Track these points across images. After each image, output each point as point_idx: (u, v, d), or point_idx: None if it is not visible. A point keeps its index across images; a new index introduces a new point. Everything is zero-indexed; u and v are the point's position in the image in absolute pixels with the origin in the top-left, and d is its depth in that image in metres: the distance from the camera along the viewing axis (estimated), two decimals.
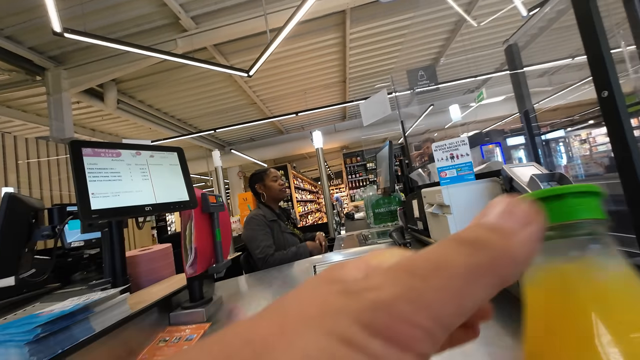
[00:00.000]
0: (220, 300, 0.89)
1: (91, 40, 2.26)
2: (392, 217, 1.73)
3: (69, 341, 0.50)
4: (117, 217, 0.63)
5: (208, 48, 3.85)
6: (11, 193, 0.55)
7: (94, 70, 3.72)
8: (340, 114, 7.53)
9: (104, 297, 0.59)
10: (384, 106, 1.98)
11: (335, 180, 14.75)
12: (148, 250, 0.99)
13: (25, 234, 0.59)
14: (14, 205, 0.56)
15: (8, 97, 4.20)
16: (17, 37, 3.18)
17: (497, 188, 0.69)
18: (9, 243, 0.55)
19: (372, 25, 4.03)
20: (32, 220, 0.60)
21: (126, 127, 6.06)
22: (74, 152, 0.54)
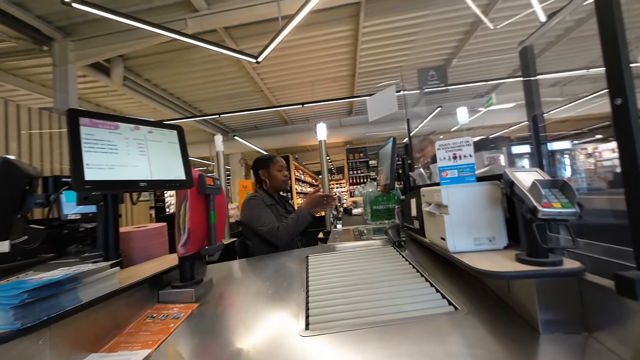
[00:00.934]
0: (211, 282, 0.89)
1: (100, 12, 2.23)
2: (389, 214, 1.72)
3: (55, 309, 0.50)
4: (111, 190, 0.62)
5: (218, 30, 3.80)
6: (6, 157, 0.54)
7: (102, 45, 3.68)
8: (347, 108, 7.47)
9: (93, 269, 0.59)
10: (391, 103, 1.96)
11: (336, 175, 14.74)
12: (143, 228, 0.99)
13: (18, 200, 0.59)
14: (8, 169, 0.55)
15: (14, 65, 4.17)
16: (26, 4, 3.13)
17: (497, 191, 0.68)
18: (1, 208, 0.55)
19: (387, 20, 3.95)
20: (25, 187, 0.60)
21: (131, 105, 6.03)
22: (71, 120, 0.53)
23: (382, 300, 0.70)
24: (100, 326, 0.61)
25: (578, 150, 3.00)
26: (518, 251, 0.62)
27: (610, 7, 0.44)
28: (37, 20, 3.36)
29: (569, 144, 2.76)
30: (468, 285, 0.72)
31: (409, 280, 0.78)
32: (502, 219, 0.68)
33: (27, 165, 0.61)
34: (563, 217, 0.50)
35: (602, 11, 0.45)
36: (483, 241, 0.68)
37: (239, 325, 0.65)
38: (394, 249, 1.07)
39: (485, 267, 0.56)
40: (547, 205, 0.51)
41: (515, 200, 0.58)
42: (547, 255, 0.55)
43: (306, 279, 0.85)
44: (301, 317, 0.64)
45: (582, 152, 3.04)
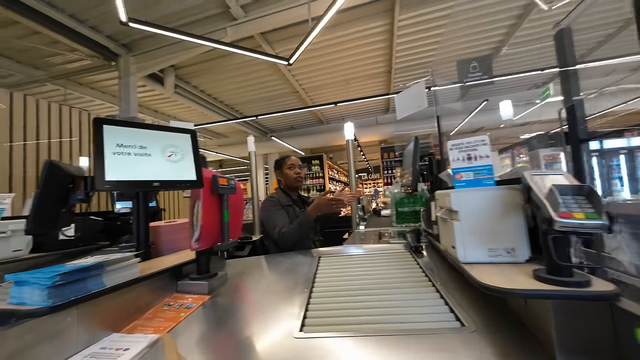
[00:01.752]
0: (226, 276, 0.95)
1: (150, 28, 2.50)
2: (416, 217, 1.63)
3: (82, 291, 0.58)
4: (127, 189, 0.70)
5: (255, 36, 3.99)
6: (51, 160, 0.65)
7: (156, 57, 4.13)
8: (384, 106, 7.25)
9: (115, 259, 0.67)
10: (420, 99, 1.85)
11: (374, 174, 14.42)
12: (171, 223, 1.09)
13: (63, 197, 0.70)
14: (54, 171, 0.66)
15: (91, 79, 4.91)
16: (98, 26, 3.66)
17: (517, 197, 0.60)
18: (47, 203, 0.65)
19: (424, 11, 3.74)
20: (69, 186, 0.71)
21: (182, 110, 6.66)
22: (96, 128, 0.61)
23: (385, 308, 0.67)
24: (123, 309, 0.69)
25: None
26: (540, 266, 0.54)
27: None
28: (107, 40, 3.90)
29: (625, 141, 2.31)
30: (482, 300, 0.65)
31: (418, 289, 0.73)
32: (524, 228, 0.60)
33: (70, 165, 0.72)
34: (586, 230, 0.42)
35: None
36: (499, 252, 0.61)
37: (240, 320, 0.68)
38: (410, 254, 1.01)
39: (494, 282, 0.50)
40: (567, 215, 0.43)
41: (532, 208, 0.51)
42: (571, 274, 0.47)
43: (312, 279, 0.85)
44: (298, 319, 0.64)
45: None
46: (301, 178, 1.70)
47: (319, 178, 7.17)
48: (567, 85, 0.70)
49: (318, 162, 7.26)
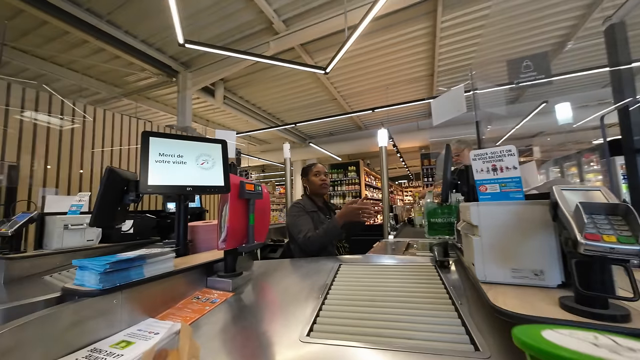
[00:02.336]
0: (250, 276, 1.01)
1: (203, 48, 2.80)
2: (450, 229, 1.52)
3: (126, 279, 0.68)
4: (165, 192, 0.81)
5: (295, 47, 4.18)
6: (111, 167, 0.78)
7: (209, 72, 4.58)
8: (425, 110, 6.93)
9: (155, 253, 0.77)
10: (458, 104, 1.75)
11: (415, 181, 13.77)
12: (207, 223, 1.21)
13: (119, 198, 0.83)
14: (112, 176, 0.79)
15: (156, 94, 5.64)
16: (162, 48, 4.22)
17: (546, 214, 0.54)
18: (107, 203, 0.78)
19: (470, 10, 3.52)
20: (124, 188, 0.84)
21: (229, 119, 7.23)
22: (144, 140, 0.73)
23: (397, 322, 0.65)
24: (158, 297, 0.78)
25: None
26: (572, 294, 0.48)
27: None
28: (169, 59, 4.47)
29: None
30: (505, 325, 0.59)
31: (435, 306, 0.70)
32: (556, 248, 0.54)
33: (126, 171, 0.85)
34: (617, 256, 0.37)
35: None
36: (525, 274, 0.55)
37: (255, 318, 0.72)
38: (435, 268, 0.96)
39: (510, 305, 0.46)
40: (594, 238, 0.38)
41: (559, 227, 0.46)
42: (606, 305, 0.41)
43: (329, 286, 0.86)
44: (307, 324, 0.66)
45: None
46: (326, 185, 1.72)
47: (355, 184, 7.10)
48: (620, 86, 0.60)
49: (354, 168, 7.21)
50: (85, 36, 3.51)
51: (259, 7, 3.38)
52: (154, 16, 3.48)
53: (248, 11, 3.50)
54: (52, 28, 3.51)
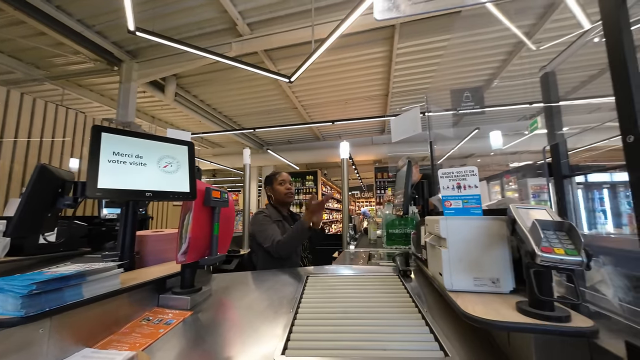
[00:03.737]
0: (210, 291, 0.93)
1: (157, 39, 2.56)
2: (406, 240, 1.63)
3: (58, 302, 0.56)
4: (119, 198, 0.70)
5: (258, 52, 4.10)
6: (43, 164, 0.64)
7: (160, 65, 4.19)
8: (379, 126, 7.43)
9: (98, 269, 0.65)
10: (414, 124, 1.92)
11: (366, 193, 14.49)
12: (157, 233, 1.07)
13: (50, 201, 0.68)
14: (44, 174, 0.65)
15: (90, 82, 4.93)
16: (104, 32, 3.73)
17: (503, 228, 0.62)
18: (34, 206, 0.64)
19: (422, 41, 3.94)
20: (58, 190, 0.70)
21: (180, 118, 6.68)
22: (94, 135, 0.62)
23: (370, 334, 0.66)
24: (99, 322, 0.66)
25: (617, 187, 2.59)
26: (524, 298, 0.55)
27: (620, 37, 0.39)
28: (112, 46, 3.97)
29: (607, 176, 2.39)
30: (468, 329, 0.64)
31: (404, 315, 0.73)
32: (509, 259, 0.61)
33: (63, 170, 0.71)
34: (565, 266, 0.43)
35: (611, 41, 0.40)
36: (485, 282, 0.62)
37: (221, 339, 0.66)
38: (398, 278, 1.01)
39: (478, 312, 0.51)
40: (548, 250, 0.45)
41: (517, 241, 0.53)
42: (552, 308, 0.48)
43: (299, 300, 0.84)
44: (281, 340, 0.63)
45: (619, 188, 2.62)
46: (292, 194, 1.70)
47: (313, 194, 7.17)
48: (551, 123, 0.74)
49: (312, 177, 7.29)
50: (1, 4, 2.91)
51: (223, 7, 3.25)
52: None
53: (211, 8, 3.34)
54: None
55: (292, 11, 3.39)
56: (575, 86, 4.84)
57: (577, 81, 4.72)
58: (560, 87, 1.00)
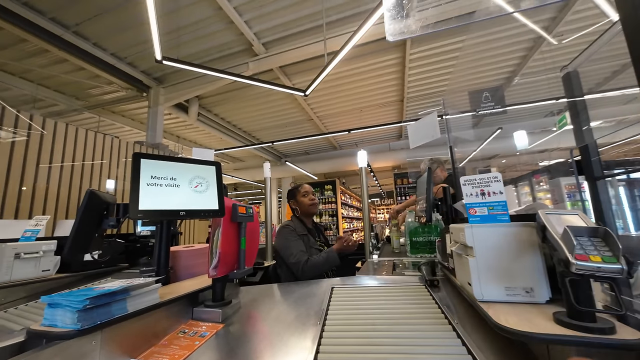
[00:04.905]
0: (239, 304, 0.96)
1: (181, 65, 2.75)
2: (431, 248, 1.59)
3: (107, 315, 0.61)
4: (157, 218, 0.76)
5: (274, 69, 4.27)
6: (92, 190, 0.72)
7: (184, 88, 4.48)
8: (396, 132, 7.35)
9: (139, 284, 0.70)
10: (433, 129, 1.90)
11: (386, 199, 14.24)
12: (189, 248, 1.13)
13: (98, 222, 0.75)
14: (92, 199, 0.72)
15: (123, 108, 5.34)
16: (134, 63, 4.06)
17: (533, 235, 0.60)
18: (85, 228, 0.71)
19: (434, 45, 3.91)
20: (104, 212, 0.77)
21: (203, 136, 7.02)
22: (135, 162, 0.68)
23: (400, 346, 0.65)
24: (141, 334, 0.71)
25: None
26: (561, 308, 0.52)
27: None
28: (141, 74, 4.30)
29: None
30: (502, 341, 0.62)
31: (434, 327, 0.71)
32: (542, 267, 0.59)
33: (107, 194, 0.78)
34: (603, 274, 0.42)
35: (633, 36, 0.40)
36: (517, 292, 0.60)
37: (253, 352, 0.68)
38: (425, 288, 0.99)
39: (512, 324, 0.49)
40: (583, 258, 0.43)
41: (547, 249, 0.51)
42: (594, 319, 0.46)
43: (325, 311, 0.85)
44: (311, 353, 0.64)
45: None
46: (316, 204, 1.73)
47: (332, 203, 7.17)
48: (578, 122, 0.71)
49: (331, 187, 7.30)
50: (47, 45, 3.28)
51: (240, 30, 3.45)
52: (128, 30, 3.37)
53: (228, 32, 3.54)
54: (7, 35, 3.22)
55: (304, 28, 3.52)
56: (607, 77, 4.56)
57: (608, 71, 4.44)
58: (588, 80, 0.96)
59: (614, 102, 3.67)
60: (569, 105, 0.76)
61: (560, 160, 3.86)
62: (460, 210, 1.26)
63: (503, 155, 6.42)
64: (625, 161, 2.03)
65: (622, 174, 0.61)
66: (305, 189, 1.73)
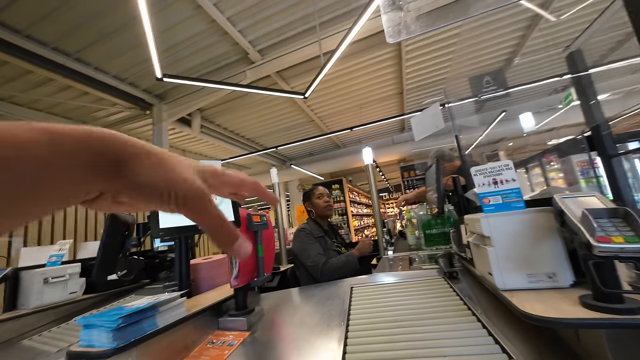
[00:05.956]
0: (262, 311, 0.98)
1: (181, 81, 2.80)
2: (445, 239, 1.58)
3: (140, 332, 0.64)
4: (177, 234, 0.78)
5: (271, 75, 4.30)
6: (111, 213, 0.74)
7: (185, 102, 4.55)
8: (399, 125, 7.30)
9: (167, 299, 0.73)
10: (436, 120, 1.89)
11: (395, 193, 14.15)
12: (209, 260, 1.16)
13: (120, 243, 0.78)
14: (114, 222, 0.75)
15: (127, 128, 5.45)
16: (136, 82, 4.15)
17: (551, 220, 0.59)
18: (109, 250, 0.74)
19: (430, 34, 3.87)
20: (125, 233, 0.80)
21: (207, 148, 7.11)
22: None
23: (426, 341, 0.66)
24: (172, 348, 0.73)
25: None
26: (587, 291, 0.52)
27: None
28: (143, 93, 4.39)
29: None
30: (528, 329, 0.62)
31: (458, 319, 0.72)
32: (564, 251, 0.59)
33: (126, 215, 0.81)
34: (628, 254, 0.42)
35: None
36: (540, 278, 0.59)
37: (282, 357, 0.69)
38: (445, 280, 0.99)
39: (538, 310, 0.49)
40: (605, 240, 0.43)
41: (567, 233, 0.51)
42: (622, 299, 0.45)
43: (348, 312, 0.86)
44: (338, 353, 0.65)
45: None
46: (330, 206, 1.75)
47: (340, 202, 7.17)
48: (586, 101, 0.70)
49: (338, 186, 7.31)
50: (51, 75, 3.38)
51: (234, 39, 3.48)
52: (127, 52, 3.45)
53: (223, 43, 3.58)
54: (12, 68, 3.34)
55: (298, 31, 3.53)
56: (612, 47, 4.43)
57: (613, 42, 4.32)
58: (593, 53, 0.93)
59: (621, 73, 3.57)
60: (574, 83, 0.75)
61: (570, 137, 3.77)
62: (472, 199, 1.25)
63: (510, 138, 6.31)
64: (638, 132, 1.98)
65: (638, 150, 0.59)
66: (320, 191, 1.75)
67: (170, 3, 2.90)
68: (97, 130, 0.20)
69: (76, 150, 0.18)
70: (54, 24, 2.94)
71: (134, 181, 0.21)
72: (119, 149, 0.20)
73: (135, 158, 0.21)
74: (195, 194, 0.23)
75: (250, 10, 3.13)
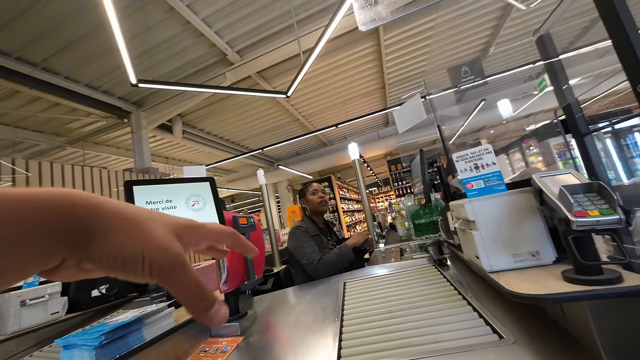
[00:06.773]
0: (255, 314, 0.96)
1: (157, 86, 2.72)
2: (434, 228, 1.61)
3: (125, 347, 0.61)
4: None
5: (252, 76, 4.23)
6: None
7: (164, 109, 4.42)
8: (383, 120, 7.37)
9: (154, 310, 0.70)
10: (418, 111, 1.91)
11: (384, 187, 14.31)
12: (197, 266, 1.13)
13: None
14: None
15: (105, 138, 5.25)
16: (110, 90, 3.99)
17: (531, 200, 0.61)
18: None
19: (407, 27, 3.93)
20: None
21: (191, 154, 6.95)
22: (127, 190, 0.68)
23: (420, 329, 0.66)
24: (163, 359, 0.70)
25: None
26: (569, 266, 0.53)
27: None
28: (119, 101, 4.23)
29: None
30: (517, 308, 0.63)
31: (449, 304, 0.72)
32: (545, 229, 0.60)
33: None
34: (603, 227, 0.43)
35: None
36: (525, 257, 0.61)
37: (277, 359, 0.68)
38: (435, 268, 1.00)
39: (523, 289, 0.50)
40: (582, 214, 0.44)
41: (547, 211, 0.52)
42: (601, 271, 0.47)
43: (341, 307, 0.85)
44: (334, 350, 0.64)
45: None
46: (325, 202, 1.74)
47: (331, 199, 7.19)
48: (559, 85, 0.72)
49: (327, 184, 7.32)
50: (17, 86, 3.20)
51: (211, 41, 3.40)
52: (99, 58, 3.31)
53: (200, 46, 3.50)
54: None
55: (275, 30, 3.49)
56: (579, 34, 4.63)
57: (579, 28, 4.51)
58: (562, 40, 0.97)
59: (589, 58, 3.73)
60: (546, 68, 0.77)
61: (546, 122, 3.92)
62: (457, 187, 1.27)
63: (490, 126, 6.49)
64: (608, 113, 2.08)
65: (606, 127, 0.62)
66: (314, 187, 1.75)
67: (141, 6, 2.80)
68: (64, 194, 0.18)
69: (39, 222, 0.17)
70: (14, 33, 2.78)
71: (102, 252, 0.19)
72: (88, 215, 0.18)
73: (104, 224, 0.19)
74: (170, 264, 0.21)
75: (225, 10, 3.07)
